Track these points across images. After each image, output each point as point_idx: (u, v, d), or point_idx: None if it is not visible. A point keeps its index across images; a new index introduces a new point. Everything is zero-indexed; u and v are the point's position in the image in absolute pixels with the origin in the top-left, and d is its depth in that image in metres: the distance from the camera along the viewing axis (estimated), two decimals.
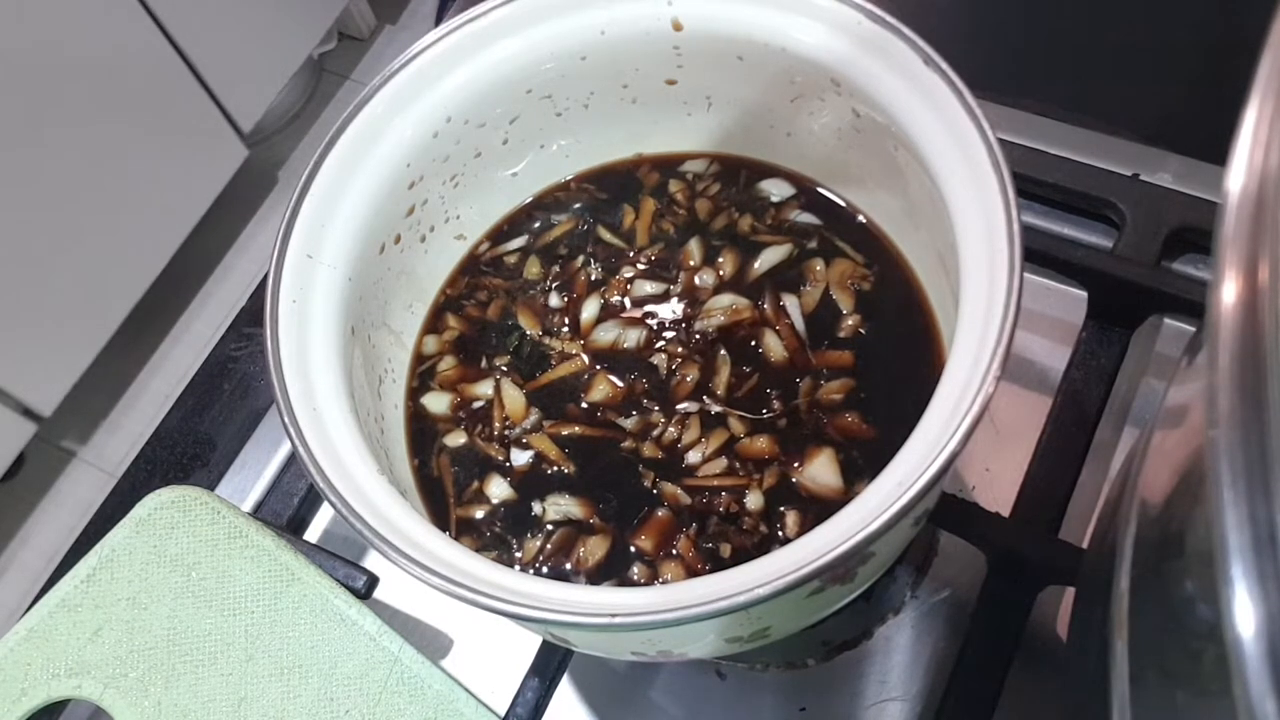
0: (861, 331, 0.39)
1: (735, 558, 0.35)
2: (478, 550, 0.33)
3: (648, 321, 0.41)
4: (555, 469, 0.39)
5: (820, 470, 0.36)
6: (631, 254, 0.43)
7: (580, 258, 0.44)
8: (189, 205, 1.38)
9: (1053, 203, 0.50)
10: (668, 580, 0.35)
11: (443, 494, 0.39)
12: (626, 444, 0.38)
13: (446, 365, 0.42)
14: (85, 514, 0.52)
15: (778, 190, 0.44)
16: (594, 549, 0.36)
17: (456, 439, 0.40)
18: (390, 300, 0.41)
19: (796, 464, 0.37)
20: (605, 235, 0.44)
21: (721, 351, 0.40)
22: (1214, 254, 0.16)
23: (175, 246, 1.38)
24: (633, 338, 0.41)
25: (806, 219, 0.43)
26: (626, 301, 0.42)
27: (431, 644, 0.46)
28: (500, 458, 0.39)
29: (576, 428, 0.39)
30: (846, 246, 0.41)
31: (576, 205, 0.45)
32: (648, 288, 0.42)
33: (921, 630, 0.43)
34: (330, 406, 0.33)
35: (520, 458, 0.39)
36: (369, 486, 0.31)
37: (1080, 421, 0.43)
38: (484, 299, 0.44)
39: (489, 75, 0.39)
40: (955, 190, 0.32)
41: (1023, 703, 0.40)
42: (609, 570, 0.36)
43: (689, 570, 0.35)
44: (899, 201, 0.39)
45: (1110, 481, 0.44)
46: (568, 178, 0.46)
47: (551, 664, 0.41)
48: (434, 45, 0.38)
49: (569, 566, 0.36)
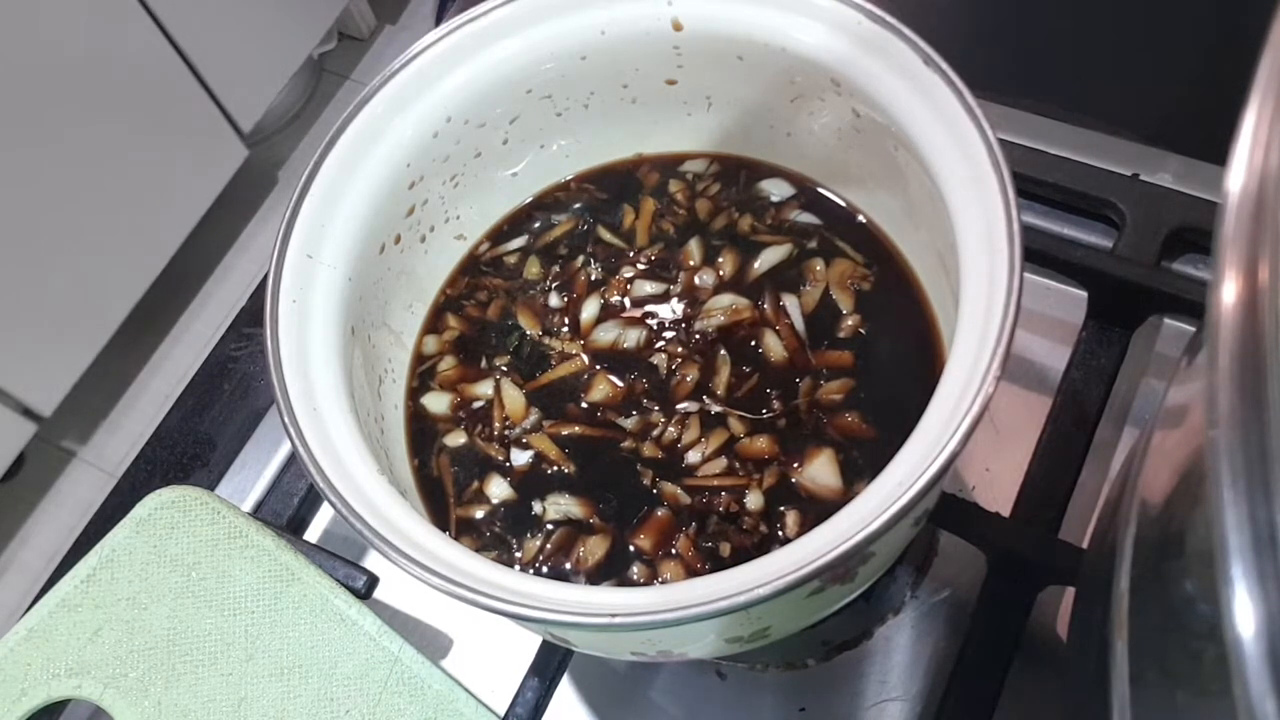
0: (861, 331, 0.39)
1: (735, 557, 0.35)
2: (478, 550, 0.33)
3: (648, 321, 0.41)
4: (555, 469, 0.39)
5: (820, 470, 0.36)
6: (631, 254, 0.43)
7: (580, 258, 0.44)
8: (189, 205, 1.38)
9: (1053, 203, 0.50)
10: (667, 580, 0.35)
11: (443, 494, 0.39)
12: (626, 444, 0.38)
13: (446, 365, 0.42)
14: (85, 514, 0.52)
15: (778, 190, 0.44)
16: (594, 549, 0.36)
17: (456, 439, 0.40)
18: (390, 300, 0.41)
19: (796, 464, 0.37)
20: (605, 235, 0.44)
21: (721, 351, 0.40)
22: (1214, 254, 0.16)
23: (175, 246, 1.38)
24: (633, 338, 0.41)
25: (806, 219, 0.43)
26: (626, 301, 0.42)
27: (431, 644, 0.46)
28: (500, 458, 0.39)
29: (576, 428, 0.39)
30: (846, 246, 0.41)
31: (576, 205, 0.45)
32: (648, 288, 0.42)
33: (921, 630, 0.43)
34: (330, 406, 0.33)
35: (520, 458, 0.39)
36: (369, 486, 0.31)
37: (1080, 421, 0.43)
38: (484, 299, 0.44)
39: (489, 75, 0.39)
40: (955, 190, 0.32)
41: (1023, 703, 0.40)
42: (609, 570, 0.36)
43: (688, 570, 0.35)
44: (899, 201, 0.39)
45: (1110, 481, 0.44)
46: (568, 178, 0.46)
47: (551, 664, 0.41)
48: (434, 45, 0.38)
49: (569, 566, 0.36)
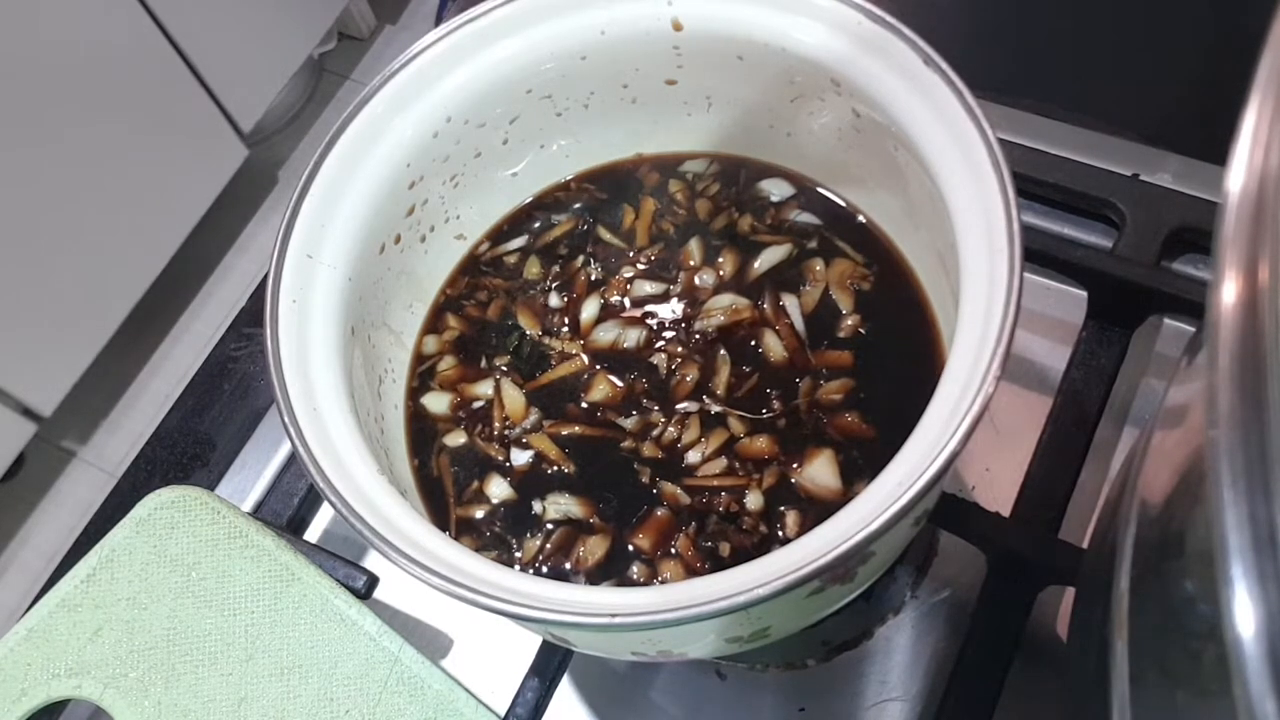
0: (861, 331, 0.39)
1: (735, 557, 0.35)
2: (478, 550, 0.33)
3: (648, 321, 0.41)
4: (555, 469, 0.39)
5: (820, 471, 0.36)
6: (631, 254, 0.43)
7: (580, 258, 0.44)
8: (189, 205, 1.38)
9: (1053, 203, 0.50)
10: (666, 579, 0.35)
11: (443, 494, 0.39)
12: (626, 444, 0.38)
13: (446, 365, 0.42)
14: (85, 514, 0.52)
15: (778, 190, 0.44)
16: (594, 549, 0.36)
17: (456, 439, 0.40)
18: (390, 300, 0.41)
19: (796, 464, 0.37)
20: (605, 235, 0.44)
21: (721, 351, 0.40)
22: (1214, 254, 0.16)
23: (175, 246, 1.38)
24: (633, 338, 0.41)
25: (806, 219, 0.43)
26: (626, 301, 0.42)
27: (431, 644, 0.46)
28: (500, 458, 0.39)
29: (576, 427, 0.39)
30: (846, 246, 0.41)
31: (576, 205, 0.45)
32: (648, 288, 0.42)
33: (921, 630, 0.43)
34: (330, 406, 0.33)
35: (520, 457, 0.39)
36: (369, 486, 0.31)
37: (1080, 421, 0.43)
38: (484, 299, 0.44)
39: (489, 75, 0.39)
40: (955, 190, 0.32)
41: (1023, 703, 0.39)
42: (609, 570, 0.36)
43: (688, 569, 0.35)
44: (899, 201, 0.39)
45: (1110, 481, 0.44)
46: (568, 178, 0.46)
47: (551, 664, 0.41)
48: (434, 45, 0.38)
49: (569, 566, 0.36)
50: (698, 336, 0.41)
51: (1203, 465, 0.15)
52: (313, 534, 0.50)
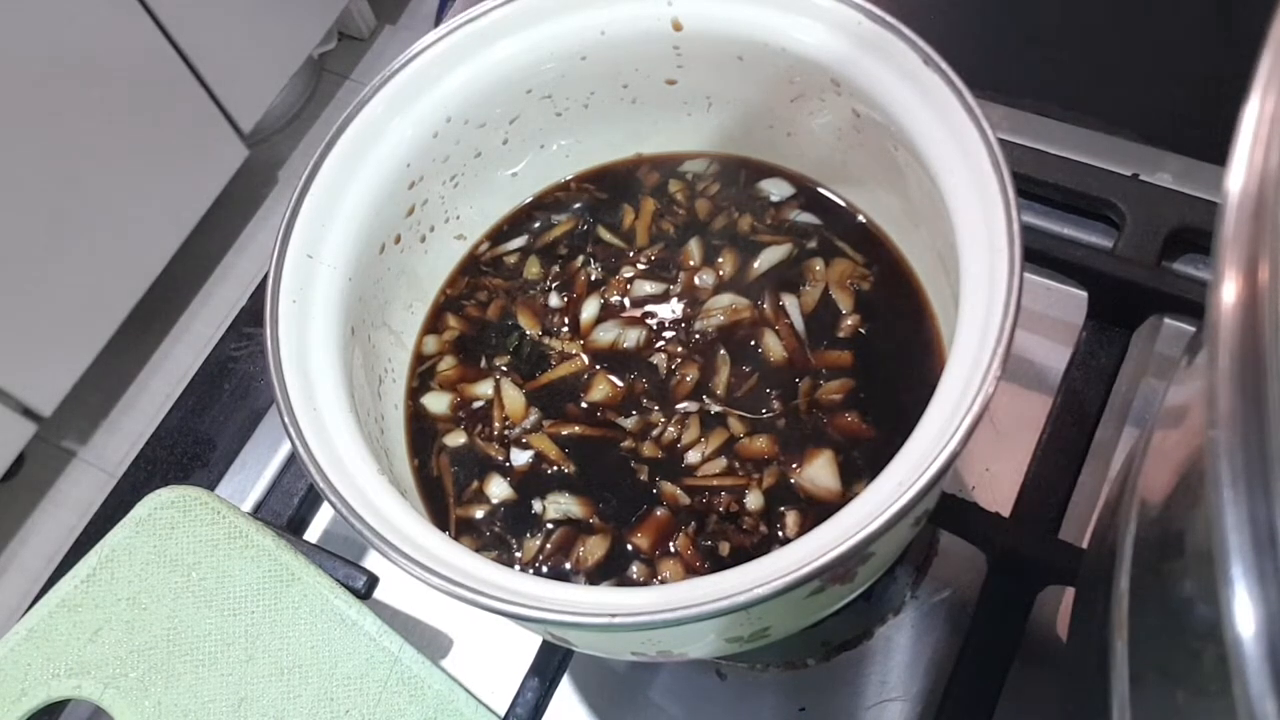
0: (861, 331, 0.39)
1: (735, 557, 0.35)
2: (478, 550, 0.33)
3: (647, 321, 0.41)
4: (555, 468, 0.39)
5: (820, 471, 0.36)
6: (631, 254, 0.43)
7: (580, 258, 0.44)
8: (189, 205, 1.38)
9: (1053, 203, 0.50)
10: (666, 578, 0.35)
11: (443, 494, 0.39)
12: (626, 444, 0.38)
13: (446, 365, 0.42)
14: (85, 514, 0.52)
15: (778, 190, 0.44)
16: (594, 548, 0.36)
17: (456, 439, 0.40)
18: (390, 300, 0.41)
19: (796, 464, 0.37)
20: (605, 235, 0.44)
21: (721, 351, 0.40)
22: (1214, 254, 0.16)
23: (175, 246, 1.38)
24: (632, 338, 0.41)
25: (806, 219, 0.43)
26: (626, 301, 0.42)
27: (431, 644, 0.46)
28: (500, 457, 0.39)
29: (576, 427, 0.39)
30: (846, 246, 0.41)
31: (576, 205, 0.45)
32: (647, 288, 0.42)
33: (921, 630, 0.43)
34: (330, 406, 0.33)
35: (520, 457, 0.39)
36: (369, 486, 0.31)
37: (1080, 421, 0.43)
38: (484, 299, 0.44)
39: (489, 75, 0.39)
40: (955, 190, 0.32)
41: (1023, 703, 0.40)
42: (609, 570, 0.36)
43: (688, 568, 0.35)
44: (899, 201, 0.39)
45: (1110, 481, 0.44)
46: (568, 178, 0.46)
47: (551, 664, 0.41)
48: (434, 45, 0.38)
49: (569, 566, 0.36)
50: (698, 336, 0.41)
51: (1203, 465, 0.15)
52: (313, 534, 0.50)
